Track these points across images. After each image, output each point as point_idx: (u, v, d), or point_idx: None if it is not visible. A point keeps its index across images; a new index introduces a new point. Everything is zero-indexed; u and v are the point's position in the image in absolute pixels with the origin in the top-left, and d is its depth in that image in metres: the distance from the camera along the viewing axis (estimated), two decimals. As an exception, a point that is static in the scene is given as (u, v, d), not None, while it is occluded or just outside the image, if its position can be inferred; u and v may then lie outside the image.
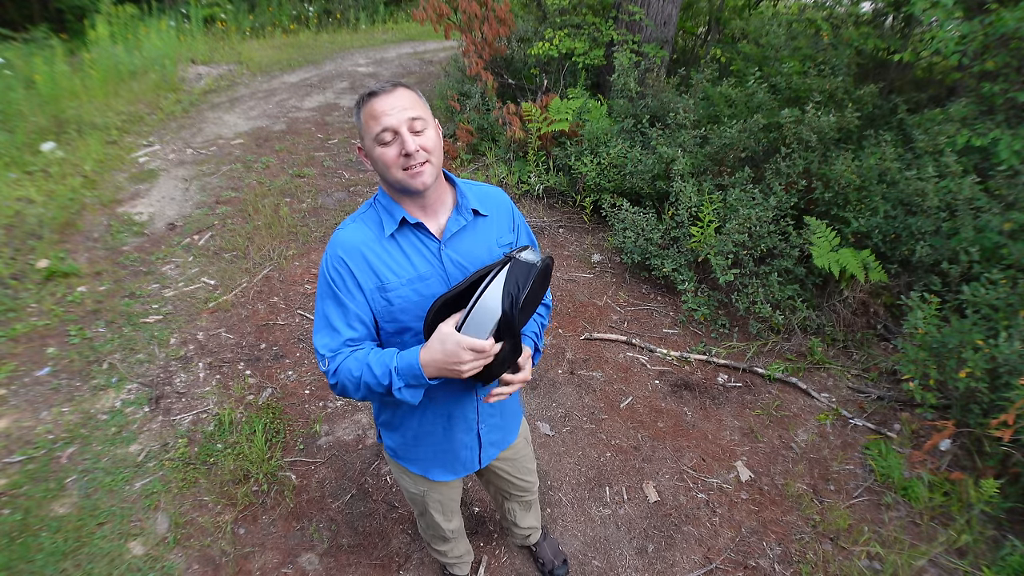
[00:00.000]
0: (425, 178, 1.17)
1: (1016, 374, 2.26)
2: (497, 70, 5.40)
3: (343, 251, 1.23)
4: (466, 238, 1.30)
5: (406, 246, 1.25)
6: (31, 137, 5.08)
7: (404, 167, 1.16)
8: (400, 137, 1.14)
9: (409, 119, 1.15)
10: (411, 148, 1.14)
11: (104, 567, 2.07)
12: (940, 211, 3.05)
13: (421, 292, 1.25)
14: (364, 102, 1.17)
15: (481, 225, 1.32)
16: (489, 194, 1.37)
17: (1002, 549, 2.16)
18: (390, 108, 1.14)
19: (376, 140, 1.15)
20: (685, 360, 3.11)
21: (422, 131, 1.16)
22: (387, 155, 1.15)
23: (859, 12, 5.03)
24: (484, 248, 1.31)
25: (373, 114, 1.15)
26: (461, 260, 1.28)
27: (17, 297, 3.37)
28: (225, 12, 10.03)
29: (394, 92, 1.15)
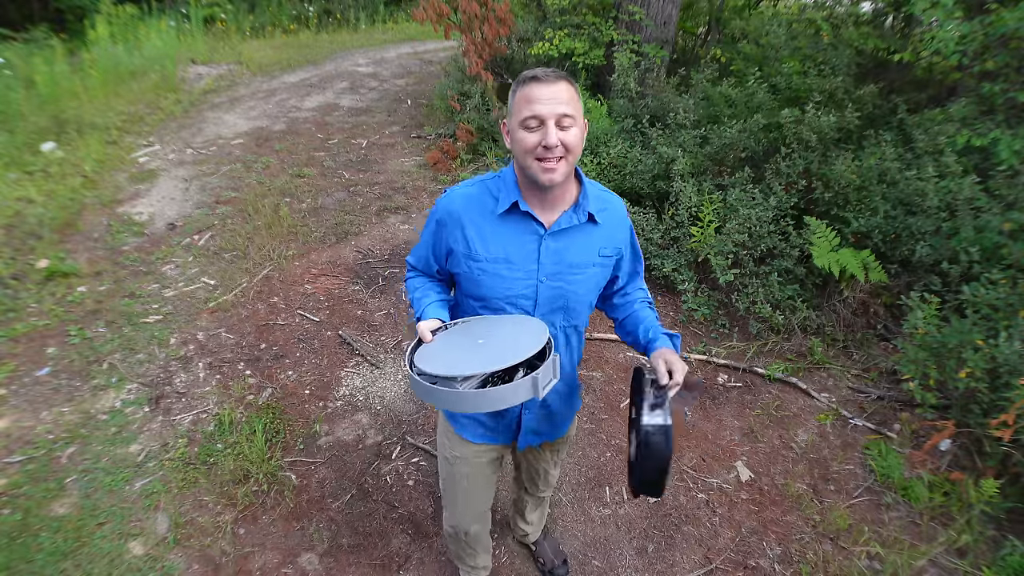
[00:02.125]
0: (555, 175, 1.19)
1: (1016, 374, 2.27)
2: (497, 70, 5.40)
3: (448, 210, 1.32)
4: (572, 237, 1.31)
5: (510, 227, 1.28)
6: (31, 137, 5.07)
7: (539, 157, 1.17)
8: (545, 128, 1.16)
9: (560, 114, 1.16)
10: (552, 141, 1.15)
11: (104, 567, 2.07)
12: (940, 211, 3.05)
13: (502, 274, 1.29)
14: (523, 83, 1.18)
15: (590, 230, 1.32)
16: (611, 203, 1.37)
17: (1002, 549, 2.16)
18: (546, 97, 1.15)
19: (522, 123, 1.17)
20: (685, 360, 3.11)
21: (568, 128, 1.18)
22: (528, 140, 1.17)
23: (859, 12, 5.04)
24: (584, 253, 1.32)
25: (528, 97, 1.16)
26: (559, 255, 1.30)
27: (17, 297, 3.37)
28: (225, 12, 10.03)
29: (555, 84, 1.16)
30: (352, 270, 3.74)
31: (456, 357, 1.16)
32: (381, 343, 3.18)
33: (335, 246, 3.97)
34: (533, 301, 1.32)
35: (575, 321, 1.40)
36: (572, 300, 1.34)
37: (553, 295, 1.33)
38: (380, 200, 4.55)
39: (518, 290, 1.31)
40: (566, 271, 1.31)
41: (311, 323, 3.29)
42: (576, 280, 1.33)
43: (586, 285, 1.35)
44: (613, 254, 1.37)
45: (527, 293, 1.31)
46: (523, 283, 1.30)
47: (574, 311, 1.37)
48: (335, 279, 3.66)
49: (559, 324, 1.38)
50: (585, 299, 1.37)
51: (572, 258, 1.31)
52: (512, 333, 1.22)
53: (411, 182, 4.84)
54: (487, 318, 1.32)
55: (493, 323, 1.28)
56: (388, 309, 3.43)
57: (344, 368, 3.01)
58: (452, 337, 1.26)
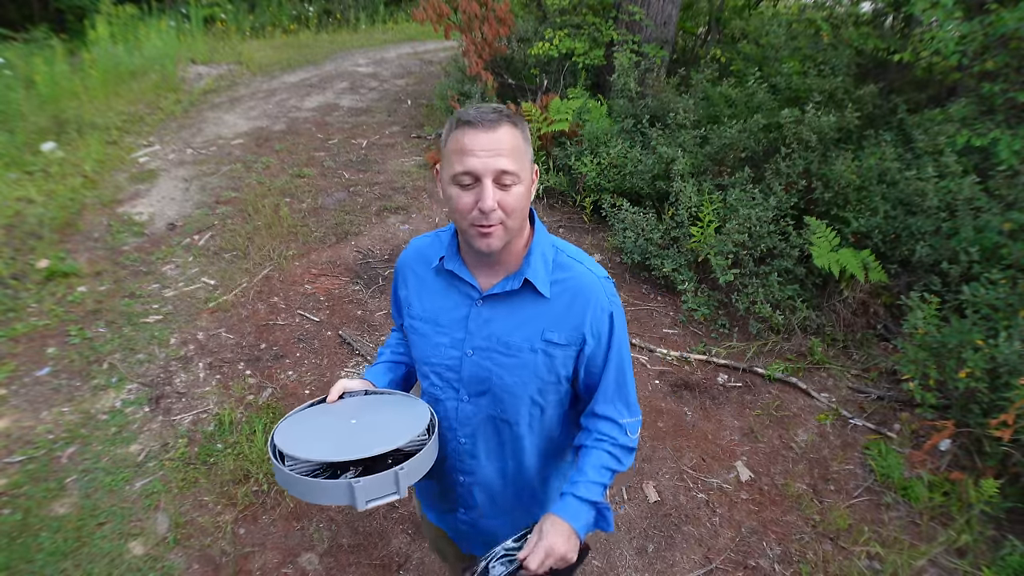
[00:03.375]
0: (492, 241, 0.99)
1: (1016, 374, 2.27)
2: (497, 70, 5.40)
3: (401, 261, 1.22)
4: (508, 309, 1.08)
5: (446, 285, 1.12)
6: (31, 137, 5.07)
7: (475, 222, 0.98)
8: (480, 186, 0.96)
9: (498, 171, 0.95)
10: (488, 204, 0.95)
11: (104, 567, 2.07)
12: (940, 211, 3.05)
13: (429, 336, 1.13)
14: (455, 128, 0.98)
15: (533, 305, 1.07)
16: (575, 276, 1.09)
17: (1002, 549, 2.16)
18: (481, 148, 0.95)
19: (454, 179, 0.98)
20: (685, 360, 3.11)
21: (510, 186, 0.97)
22: (460, 201, 0.98)
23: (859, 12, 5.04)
24: (522, 332, 1.07)
25: (460, 148, 0.96)
26: (491, 327, 1.08)
27: (17, 297, 3.37)
28: (225, 12, 10.03)
29: (494, 130, 0.95)
30: (352, 270, 3.74)
31: (314, 434, 1.04)
32: (381, 343, 3.18)
33: (335, 246, 3.97)
34: (458, 375, 1.11)
35: (508, 416, 1.12)
36: (499, 387, 1.09)
37: (478, 375, 1.10)
38: (380, 200, 4.55)
39: (443, 358, 1.12)
40: (496, 349, 1.08)
41: (311, 323, 3.29)
42: (506, 364, 1.08)
43: (520, 374, 1.08)
44: (568, 342, 1.07)
45: (452, 364, 1.11)
46: (448, 352, 1.11)
47: (504, 403, 1.11)
48: (335, 279, 3.66)
49: (487, 412, 1.13)
50: (519, 392, 1.09)
51: (505, 335, 1.08)
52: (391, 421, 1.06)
53: (411, 182, 4.84)
54: (396, 397, 1.16)
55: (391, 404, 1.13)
56: (388, 309, 3.43)
57: (344, 368, 3.01)
58: (341, 407, 1.13)
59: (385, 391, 1.19)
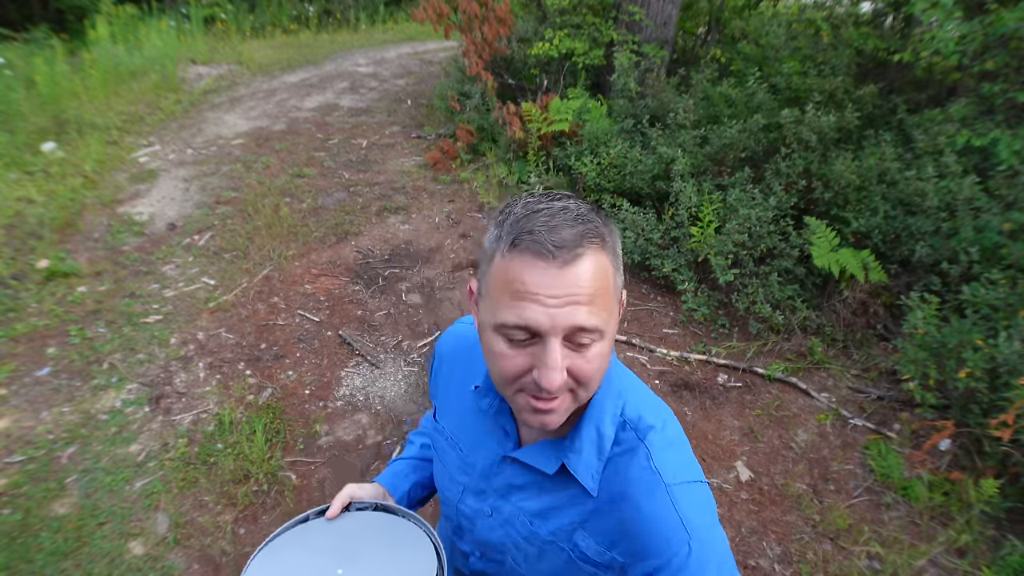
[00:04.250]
0: (551, 419, 0.67)
1: (1016, 374, 2.27)
2: (497, 70, 5.40)
3: (443, 347, 0.95)
4: (540, 483, 0.78)
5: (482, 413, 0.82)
6: (31, 137, 5.07)
7: (528, 391, 0.66)
8: (543, 347, 0.62)
9: (574, 328, 0.61)
10: (554, 383, 0.62)
11: (104, 567, 2.07)
12: (940, 211, 3.05)
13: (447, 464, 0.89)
14: (512, 246, 0.62)
15: (569, 495, 0.76)
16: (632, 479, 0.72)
17: (1002, 549, 2.16)
18: (551, 295, 0.60)
19: (499, 328, 0.64)
20: (685, 360, 3.11)
21: (588, 346, 0.64)
22: (508, 362, 0.65)
23: (859, 12, 5.04)
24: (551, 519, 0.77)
25: (514, 284, 0.62)
26: (513, 493, 0.80)
27: (17, 297, 3.37)
28: (225, 12, 10.03)
29: (575, 263, 0.60)
30: (352, 270, 3.74)
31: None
32: (381, 343, 3.18)
33: (335, 246, 3.97)
34: (468, 524, 0.87)
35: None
36: (511, 572, 0.84)
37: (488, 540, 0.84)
38: (380, 200, 4.55)
39: (454, 496, 0.88)
40: (514, 522, 0.80)
41: (311, 323, 3.29)
42: (522, 546, 0.80)
43: (535, 567, 0.80)
44: (609, 562, 0.73)
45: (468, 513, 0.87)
46: (467, 499, 0.86)
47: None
48: (335, 279, 3.66)
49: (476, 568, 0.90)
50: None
51: (530, 508, 0.79)
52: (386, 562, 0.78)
53: (411, 182, 4.84)
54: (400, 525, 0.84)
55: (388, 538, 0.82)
56: (388, 309, 3.43)
57: (344, 368, 3.01)
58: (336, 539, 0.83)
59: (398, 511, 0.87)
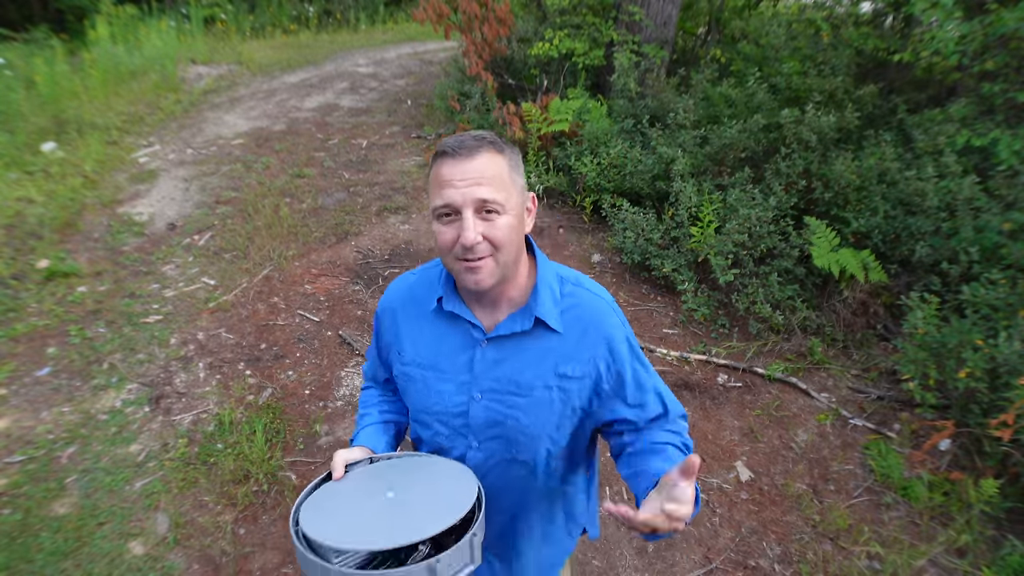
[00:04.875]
0: (481, 278, 0.92)
1: (1016, 374, 2.27)
2: (497, 70, 5.40)
3: (385, 304, 1.13)
4: (519, 348, 1.01)
5: (444, 327, 1.04)
6: (31, 137, 5.08)
7: (458, 256, 0.92)
8: (462, 218, 0.90)
9: (478, 200, 0.89)
10: (469, 239, 0.88)
11: (104, 567, 2.07)
12: (940, 211, 3.05)
13: (429, 383, 1.06)
14: (434, 160, 0.93)
15: (545, 340, 1.00)
16: (582, 304, 1.01)
17: (1002, 549, 2.16)
18: (459, 178, 0.89)
19: (435, 213, 0.92)
20: (685, 360, 3.11)
21: (494, 217, 0.90)
22: (443, 236, 0.92)
23: (859, 12, 5.04)
24: (534, 371, 1.00)
25: (439, 180, 0.91)
26: (499, 369, 1.01)
27: (17, 297, 3.37)
28: (225, 12, 10.04)
29: (472, 158, 0.89)
30: (352, 270, 3.74)
31: (351, 516, 0.90)
32: (381, 343, 3.18)
33: (335, 246, 3.97)
34: (466, 421, 1.04)
35: (523, 456, 1.06)
36: (514, 431, 1.03)
37: (490, 419, 1.03)
38: (380, 200, 4.55)
39: (447, 406, 1.05)
40: (507, 391, 1.01)
41: (311, 323, 3.29)
42: (519, 404, 1.01)
43: (535, 413, 1.01)
44: (583, 375, 1.01)
45: (457, 411, 1.04)
46: (453, 398, 1.04)
47: (519, 444, 1.04)
48: (335, 279, 3.66)
49: (500, 457, 1.06)
50: (535, 431, 1.03)
51: (516, 375, 1.01)
52: (433, 487, 0.95)
53: (411, 182, 4.84)
54: (414, 458, 1.05)
55: (416, 467, 1.02)
56: (388, 309, 3.43)
57: (344, 368, 3.01)
58: (363, 480, 1.00)
59: (392, 455, 1.07)
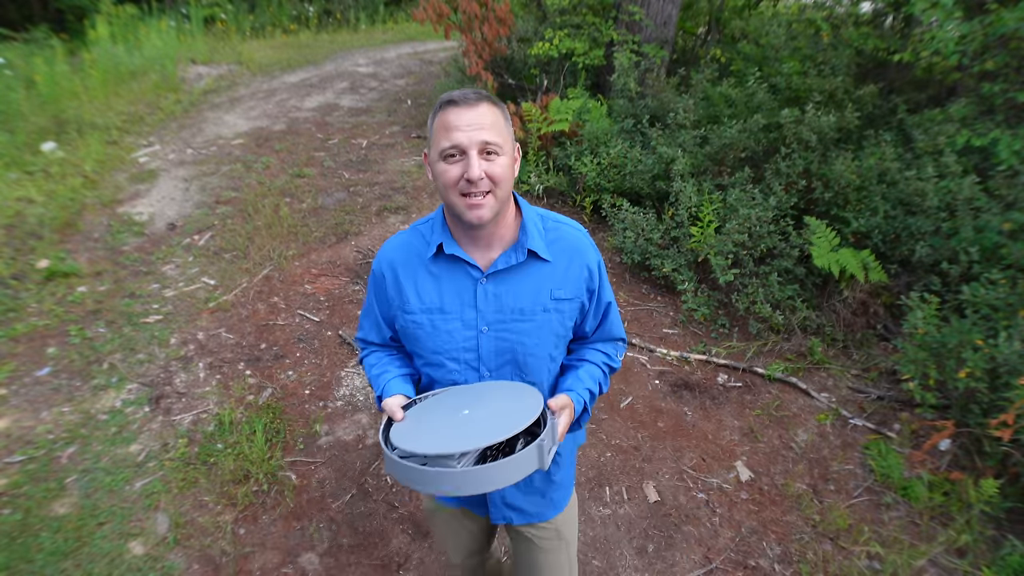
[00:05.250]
0: (483, 212, 1.06)
1: (1016, 374, 2.27)
2: (497, 70, 5.40)
3: (382, 262, 1.23)
4: (514, 280, 1.16)
5: (444, 273, 1.17)
6: (31, 137, 5.08)
7: (463, 192, 1.06)
8: (467, 158, 1.04)
9: (482, 142, 1.04)
10: (475, 174, 1.03)
11: (104, 567, 2.07)
12: (940, 211, 3.05)
13: (436, 325, 1.17)
14: (440, 109, 1.07)
15: (538, 269, 1.17)
16: (564, 237, 1.19)
17: (1002, 549, 2.16)
18: (465, 124, 1.03)
19: (441, 154, 1.05)
20: (685, 360, 3.11)
21: (494, 157, 1.06)
22: (448, 174, 1.05)
23: (859, 12, 5.04)
24: (531, 297, 1.16)
25: (445, 125, 1.05)
26: (501, 301, 1.16)
27: (17, 297, 3.37)
28: (225, 12, 10.04)
29: (475, 107, 1.04)
30: (352, 270, 3.74)
31: (443, 433, 1.00)
32: (381, 343, 3.18)
33: (335, 246, 3.97)
34: (476, 354, 1.18)
35: (532, 377, 1.21)
36: (522, 353, 1.18)
37: (499, 347, 1.17)
38: (380, 200, 4.55)
39: (457, 343, 1.17)
40: (511, 319, 1.16)
41: (311, 323, 3.29)
42: (523, 329, 1.16)
43: (538, 335, 1.18)
44: (573, 296, 1.19)
45: (468, 346, 1.17)
46: (462, 335, 1.17)
47: (527, 366, 1.19)
48: (335, 279, 3.66)
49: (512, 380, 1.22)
50: (539, 351, 1.19)
51: (517, 303, 1.16)
52: (498, 400, 1.08)
53: (411, 182, 4.84)
54: (462, 388, 1.18)
55: (472, 392, 1.14)
56: (388, 309, 3.43)
57: (344, 368, 3.01)
58: (427, 412, 1.11)
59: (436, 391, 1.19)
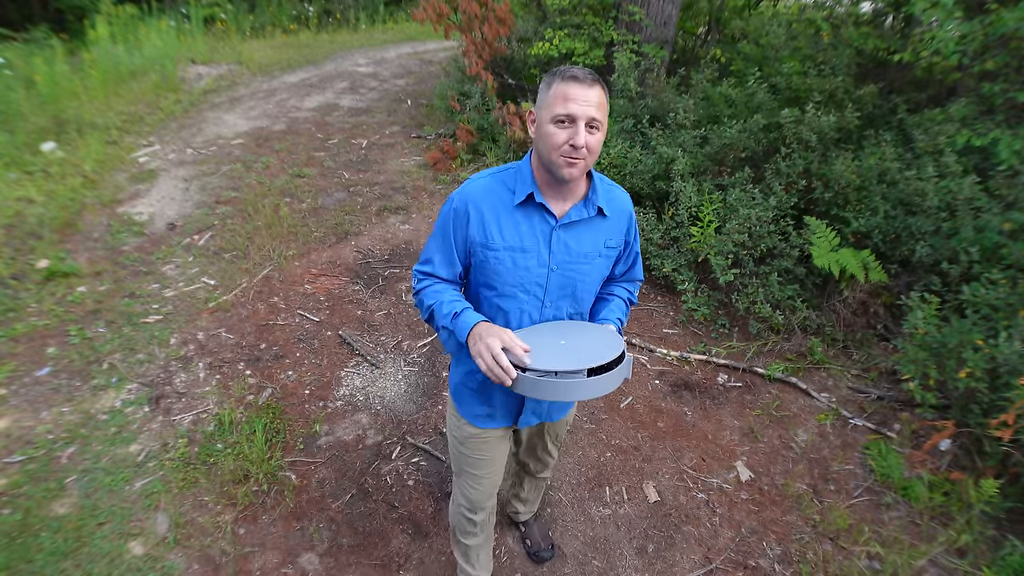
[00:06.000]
0: (575, 171, 1.27)
1: (1016, 374, 2.27)
2: (497, 70, 5.40)
3: (468, 201, 1.36)
4: (581, 229, 1.39)
5: (525, 217, 1.36)
6: (31, 137, 5.07)
7: (565, 154, 1.24)
8: (575, 127, 1.22)
9: (591, 117, 1.22)
10: (580, 142, 1.22)
11: (104, 567, 2.07)
12: (940, 211, 3.05)
13: (516, 262, 1.36)
14: (562, 80, 1.23)
15: (598, 222, 1.41)
16: (616, 197, 1.44)
17: (1002, 549, 2.16)
18: (582, 99, 1.21)
19: (554, 118, 1.23)
20: (685, 360, 3.11)
21: (595, 131, 1.24)
22: (557, 136, 1.23)
23: (859, 12, 5.03)
24: (592, 244, 1.41)
25: (565, 95, 1.21)
26: (569, 245, 1.38)
27: (17, 297, 3.37)
28: (225, 12, 10.04)
29: (592, 87, 1.22)
30: (352, 270, 3.74)
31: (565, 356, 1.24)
32: (381, 343, 3.18)
33: (335, 246, 3.97)
34: (543, 288, 1.40)
35: (581, 308, 1.48)
36: (580, 288, 1.43)
37: (562, 283, 1.41)
38: (380, 200, 4.55)
39: (531, 277, 1.38)
40: (575, 260, 1.39)
41: (311, 323, 3.29)
42: (584, 269, 1.41)
43: (592, 275, 1.43)
44: (617, 245, 1.46)
45: (539, 281, 1.39)
46: (536, 271, 1.38)
47: (581, 299, 1.46)
48: (335, 279, 3.66)
49: (566, 311, 1.45)
50: (592, 287, 1.46)
51: (581, 248, 1.39)
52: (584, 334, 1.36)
53: (411, 182, 4.84)
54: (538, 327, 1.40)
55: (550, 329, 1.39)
56: (388, 309, 3.43)
57: (344, 368, 3.01)
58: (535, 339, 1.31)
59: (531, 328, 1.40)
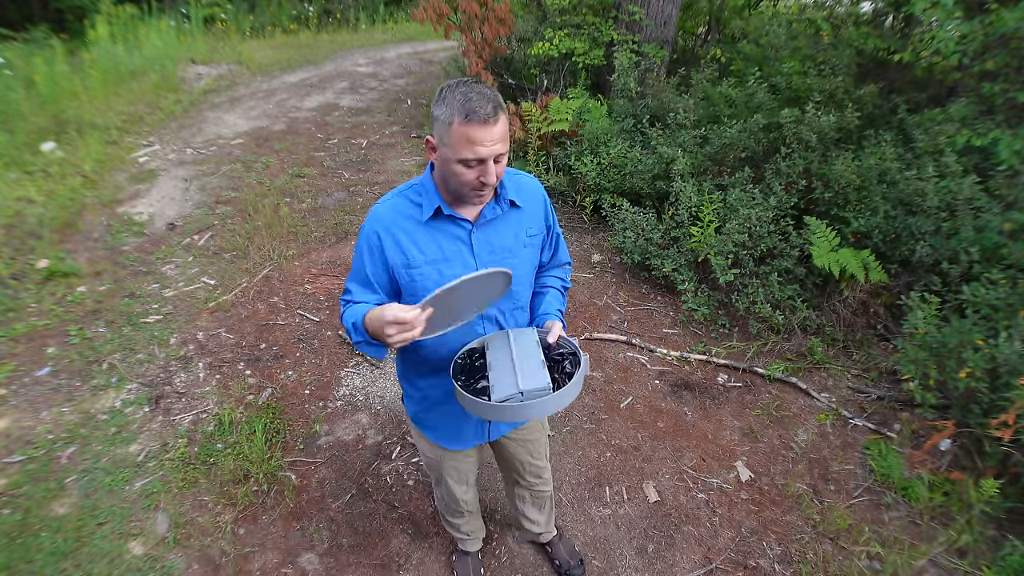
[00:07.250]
0: (486, 198, 1.30)
1: (1016, 374, 2.26)
2: (497, 70, 5.40)
3: (378, 227, 1.34)
4: (499, 225, 1.38)
5: (438, 229, 1.34)
6: (31, 137, 5.07)
7: (475, 188, 1.24)
8: (485, 167, 1.20)
9: (498, 153, 1.20)
10: (491, 180, 1.21)
11: (104, 567, 2.07)
12: (940, 211, 3.05)
13: (443, 272, 1.34)
14: (464, 120, 1.15)
15: (514, 215, 1.40)
16: (525, 185, 1.44)
17: (1002, 549, 2.16)
18: (488, 139, 1.17)
19: (460, 160, 1.19)
20: (685, 360, 3.11)
21: (501, 161, 1.23)
22: (466, 176, 1.21)
23: (859, 12, 5.04)
24: (514, 237, 1.40)
25: (469, 138, 1.16)
26: (491, 243, 1.38)
27: (17, 297, 3.37)
28: (225, 12, 10.04)
29: (496, 123, 1.17)
30: (352, 270, 3.74)
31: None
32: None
33: (335, 246, 3.97)
34: None
35: (520, 303, 1.48)
36: (513, 284, 1.39)
37: None
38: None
39: None
40: (501, 257, 1.39)
41: (311, 323, 3.29)
42: (512, 264, 1.40)
43: (523, 268, 1.43)
44: (539, 231, 1.47)
45: None
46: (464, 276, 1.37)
47: (517, 294, 1.45)
48: (335, 279, 3.66)
49: (506, 309, 1.46)
50: (525, 280, 1.46)
51: (504, 243, 1.39)
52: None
53: (411, 182, 4.83)
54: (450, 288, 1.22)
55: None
56: (388, 309, 3.42)
57: (344, 368, 3.01)
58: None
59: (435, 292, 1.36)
